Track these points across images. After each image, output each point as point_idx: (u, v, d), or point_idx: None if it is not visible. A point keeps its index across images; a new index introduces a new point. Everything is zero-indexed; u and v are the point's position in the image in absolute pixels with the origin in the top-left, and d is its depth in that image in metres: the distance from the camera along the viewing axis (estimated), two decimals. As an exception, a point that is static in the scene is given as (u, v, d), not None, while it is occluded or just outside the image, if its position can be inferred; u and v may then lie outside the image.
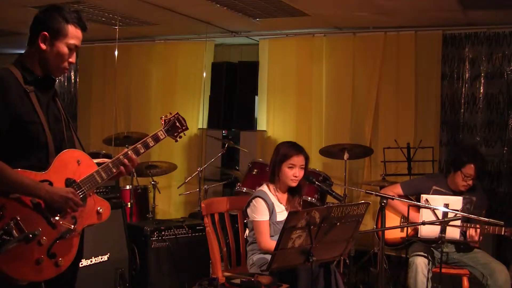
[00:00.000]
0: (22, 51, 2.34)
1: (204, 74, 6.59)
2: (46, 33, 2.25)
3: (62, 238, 2.21)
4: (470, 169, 3.80)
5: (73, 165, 2.30)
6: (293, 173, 3.39)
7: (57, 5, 2.31)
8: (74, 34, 2.30)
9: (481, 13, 4.96)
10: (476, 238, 3.64)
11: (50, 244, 2.17)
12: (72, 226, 2.25)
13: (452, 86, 5.52)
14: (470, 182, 3.83)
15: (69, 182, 2.27)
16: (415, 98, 5.58)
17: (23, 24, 6.33)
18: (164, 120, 2.64)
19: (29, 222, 2.11)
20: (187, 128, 2.70)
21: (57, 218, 2.20)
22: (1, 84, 2.16)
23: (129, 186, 5.25)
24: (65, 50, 2.28)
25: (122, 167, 2.42)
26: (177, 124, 2.66)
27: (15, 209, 2.10)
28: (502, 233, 3.50)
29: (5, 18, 5.92)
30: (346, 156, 4.85)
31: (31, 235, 2.06)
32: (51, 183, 2.21)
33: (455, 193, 3.89)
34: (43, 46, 2.26)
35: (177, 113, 2.68)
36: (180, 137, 2.69)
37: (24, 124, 2.19)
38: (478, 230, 3.64)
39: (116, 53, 5.92)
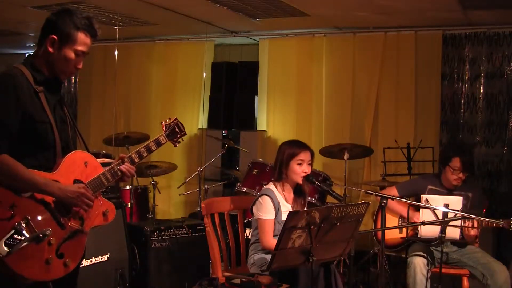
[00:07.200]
0: (22, 51, 2.36)
1: (204, 74, 6.59)
2: (55, 36, 2.26)
3: (70, 239, 2.24)
4: (456, 162, 3.82)
5: (80, 166, 2.34)
6: (302, 169, 3.40)
7: (70, 10, 2.32)
8: (83, 41, 2.30)
9: (481, 13, 4.96)
10: (473, 233, 3.64)
11: (58, 244, 2.20)
12: (80, 226, 2.28)
13: (452, 86, 5.52)
14: (461, 175, 3.83)
15: (76, 183, 2.29)
16: (415, 98, 5.58)
17: (23, 24, 6.39)
18: (165, 125, 2.69)
19: (39, 221, 2.14)
20: (185, 134, 2.77)
21: (66, 218, 2.23)
22: (13, 83, 2.18)
23: (129, 186, 5.25)
24: (72, 55, 2.29)
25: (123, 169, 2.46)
26: (176, 129, 2.73)
27: (26, 208, 2.12)
28: (500, 225, 3.48)
29: (5, 18, 5.92)
30: (346, 156, 4.84)
31: (41, 235, 2.10)
32: None
33: (450, 191, 3.90)
34: (51, 50, 2.27)
35: (176, 119, 2.74)
36: (179, 142, 2.76)
37: (34, 123, 2.21)
38: (476, 230, 3.64)
39: (116, 53, 5.91)
